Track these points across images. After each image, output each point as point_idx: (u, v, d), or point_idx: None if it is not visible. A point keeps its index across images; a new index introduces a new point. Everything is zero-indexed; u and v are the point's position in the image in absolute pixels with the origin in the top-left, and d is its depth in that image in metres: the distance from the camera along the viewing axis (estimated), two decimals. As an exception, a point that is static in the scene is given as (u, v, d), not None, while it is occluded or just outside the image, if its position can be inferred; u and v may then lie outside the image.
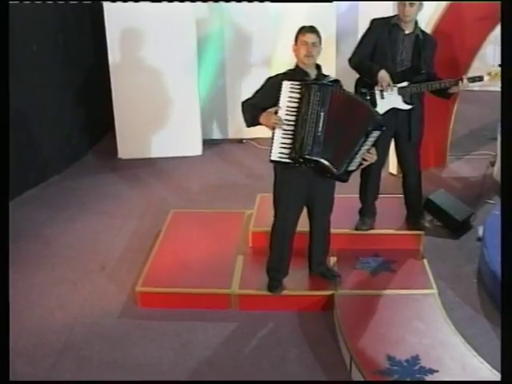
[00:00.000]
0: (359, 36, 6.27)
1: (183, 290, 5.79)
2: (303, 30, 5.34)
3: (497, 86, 10.89)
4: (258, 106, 5.35)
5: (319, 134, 5.24)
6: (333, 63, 9.38)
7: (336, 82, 5.44)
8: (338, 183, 5.59)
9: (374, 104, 6.01)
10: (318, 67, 5.43)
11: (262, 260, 5.89)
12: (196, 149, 8.99)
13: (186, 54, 8.63)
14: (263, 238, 6.02)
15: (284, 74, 5.41)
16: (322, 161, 5.29)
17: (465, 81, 6.02)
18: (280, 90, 5.24)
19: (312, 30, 5.34)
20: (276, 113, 5.26)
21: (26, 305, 5.85)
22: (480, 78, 6.21)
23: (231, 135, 9.38)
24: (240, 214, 6.94)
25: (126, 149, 8.88)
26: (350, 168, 5.35)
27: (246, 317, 5.63)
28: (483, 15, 7.60)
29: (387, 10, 6.13)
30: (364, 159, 5.38)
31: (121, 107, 8.73)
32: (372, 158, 5.43)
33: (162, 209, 7.35)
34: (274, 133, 5.31)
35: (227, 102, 9.28)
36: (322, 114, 5.23)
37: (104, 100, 8.81)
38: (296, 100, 5.25)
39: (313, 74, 5.38)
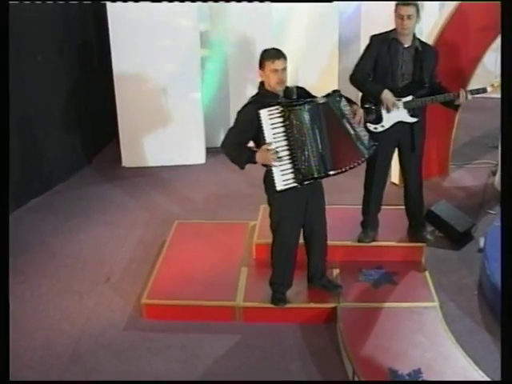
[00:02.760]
0: (362, 42, 6.28)
1: (188, 303, 5.86)
2: (270, 57, 5.22)
3: (498, 93, 10.99)
4: (242, 144, 5.32)
5: (321, 150, 5.29)
6: (335, 69, 9.45)
7: (301, 89, 5.45)
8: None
9: (380, 119, 6.07)
10: None
11: (265, 272, 5.94)
12: (200, 157, 9.06)
13: (190, 63, 8.69)
14: (267, 249, 6.04)
15: (252, 102, 5.32)
16: (331, 173, 5.36)
17: (469, 95, 6.05)
18: (258, 121, 5.16)
19: (279, 55, 5.24)
20: (269, 145, 5.22)
21: (33, 316, 5.92)
22: (484, 90, 6.25)
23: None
24: (244, 225, 7.00)
25: (129, 157, 8.95)
26: (365, 140, 5.46)
27: (251, 329, 5.70)
28: (486, 25, 7.66)
29: (390, 16, 6.13)
30: (362, 123, 5.51)
31: (125, 116, 8.78)
32: (358, 111, 5.49)
33: (166, 218, 7.42)
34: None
35: (230, 109, 9.31)
36: (317, 130, 5.27)
37: (108, 108, 8.88)
38: (280, 125, 5.21)
39: (281, 92, 5.33)
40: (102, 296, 6.20)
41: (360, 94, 6.30)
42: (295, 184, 5.31)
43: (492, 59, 11.25)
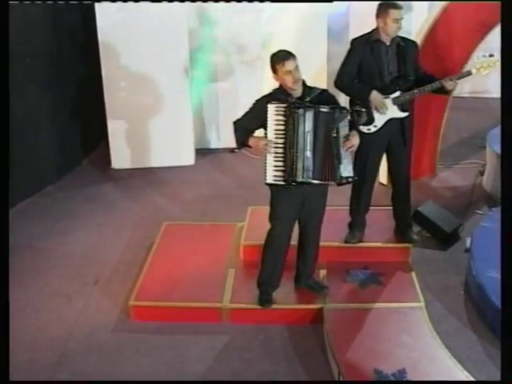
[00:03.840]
0: (350, 40, 6.31)
1: (175, 304, 5.90)
2: (280, 60, 5.27)
3: (487, 93, 11.05)
4: (248, 129, 5.42)
5: (308, 156, 5.32)
6: (324, 67, 9.48)
7: (323, 92, 5.48)
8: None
9: (372, 119, 6.11)
10: (303, 82, 5.42)
11: (252, 273, 5.99)
12: (189, 158, 9.08)
13: (178, 64, 8.71)
14: (254, 251, 6.13)
15: (269, 94, 5.44)
16: (314, 182, 5.38)
17: (455, 80, 6.09)
18: (266, 113, 5.30)
19: (288, 55, 5.29)
20: (265, 136, 5.33)
21: (22, 318, 5.93)
22: (468, 73, 6.29)
23: (223, 144, 9.42)
24: (232, 227, 7.03)
25: (119, 159, 8.97)
26: (346, 170, 5.43)
27: (238, 330, 5.74)
28: (472, 27, 7.72)
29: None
30: (351, 149, 5.46)
31: (114, 117, 8.81)
32: (355, 140, 5.45)
33: (154, 220, 7.44)
34: (265, 156, 5.38)
35: (219, 111, 9.35)
36: (309, 136, 5.31)
37: (97, 110, 8.90)
38: (282, 122, 5.30)
39: (298, 91, 5.37)
40: (90, 298, 6.23)
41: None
42: (283, 182, 5.37)
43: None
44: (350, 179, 5.51)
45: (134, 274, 6.47)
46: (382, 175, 7.86)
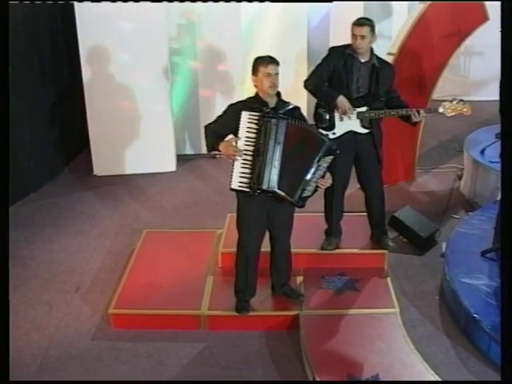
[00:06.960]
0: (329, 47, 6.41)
1: (154, 312, 5.97)
2: (264, 62, 5.43)
3: (466, 96, 11.16)
4: (219, 133, 5.49)
5: (276, 166, 5.41)
6: (304, 76, 9.54)
7: (295, 108, 5.59)
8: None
9: (333, 126, 6.21)
10: (278, 94, 5.56)
11: (230, 280, 6.06)
12: (170, 165, 9.16)
13: (159, 70, 8.78)
14: (232, 258, 6.14)
15: (244, 101, 5.56)
16: (278, 192, 5.47)
17: (422, 113, 6.17)
18: (239, 119, 5.39)
19: (273, 60, 5.45)
20: (236, 143, 5.41)
21: (3, 327, 6.00)
22: (435, 110, 6.35)
23: (204, 150, 9.41)
24: (211, 234, 7.11)
25: (101, 165, 9.03)
26: (305, 194, 5.51)
27: (215, 337, 5.82)
28: (448, 33, 7.84)
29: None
30: (319, 186, 5.55)
31: (95, 124, 8.86)
32: (326, 182, 5.58)
33: (135, 227, 7.54)
34: (233, 162, 5.47)
35: (200, 116, 9.40)
36: (278, 146, 5.40)
37: (78, 117, 8.96)
38: (254, 131, 5.40)
39: (272, 102, 5.51)
40: (71, 306, 6.30)
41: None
42: (247, 189, 5.47)
43: (462, 63, 11.46)
44: (299, 206, 5.57)
45: (115, 281, 6.54)
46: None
